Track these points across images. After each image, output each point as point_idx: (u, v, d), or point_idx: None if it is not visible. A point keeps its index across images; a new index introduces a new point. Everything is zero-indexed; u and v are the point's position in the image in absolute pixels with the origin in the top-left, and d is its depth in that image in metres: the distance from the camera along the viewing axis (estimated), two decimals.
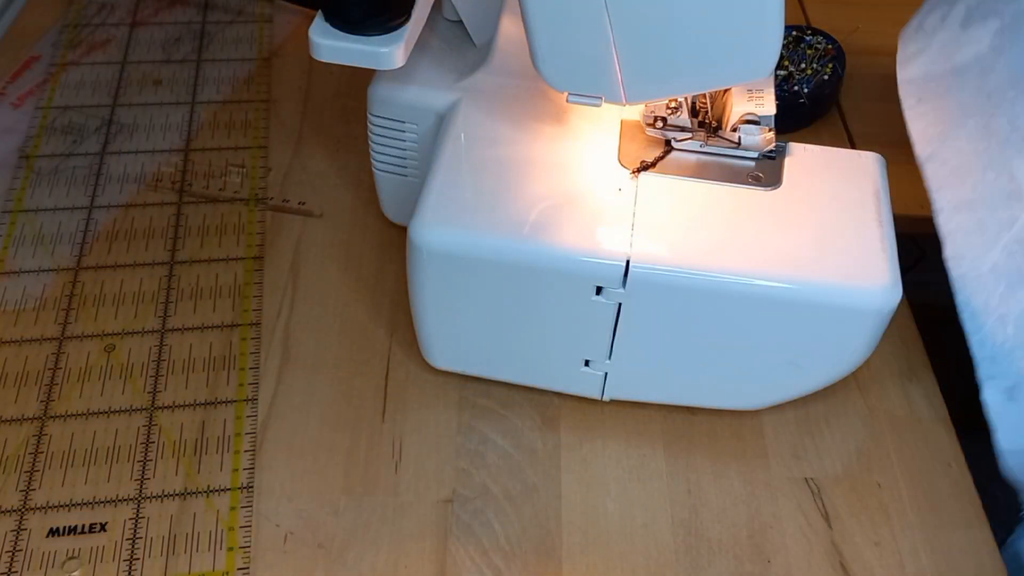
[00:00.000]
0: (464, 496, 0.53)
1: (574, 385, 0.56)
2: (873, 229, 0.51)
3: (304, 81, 0.76)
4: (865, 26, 0.81)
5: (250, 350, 0.59)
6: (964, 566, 0.51)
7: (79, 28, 0.81)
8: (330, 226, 0.66)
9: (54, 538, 0.50)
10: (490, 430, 0.56)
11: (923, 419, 0.57)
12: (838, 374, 0.53)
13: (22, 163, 0.70)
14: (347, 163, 0.70)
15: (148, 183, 0.68)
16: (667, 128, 0.54)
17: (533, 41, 0.50)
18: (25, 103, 0.74)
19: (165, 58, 0.78)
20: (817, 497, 0.53)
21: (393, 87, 0.57)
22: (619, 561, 0.50)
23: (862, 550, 0.51)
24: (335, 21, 0.49)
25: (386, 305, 0.61)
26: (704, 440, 0.56)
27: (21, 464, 0.53)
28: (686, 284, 0.49)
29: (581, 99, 0.52)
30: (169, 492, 0.52)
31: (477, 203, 0.51)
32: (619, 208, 0.51)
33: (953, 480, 0.54)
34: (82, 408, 0.56)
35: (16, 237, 0.65)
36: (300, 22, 0.82)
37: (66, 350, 0.59)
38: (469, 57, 0.59)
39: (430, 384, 0.58)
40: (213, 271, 0.63)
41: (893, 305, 0.49)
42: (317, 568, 0.50)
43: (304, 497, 0.52)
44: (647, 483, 0.54)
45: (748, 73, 0.50)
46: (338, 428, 0.55)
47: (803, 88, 0.71)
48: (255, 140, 0.72)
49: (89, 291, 0.62)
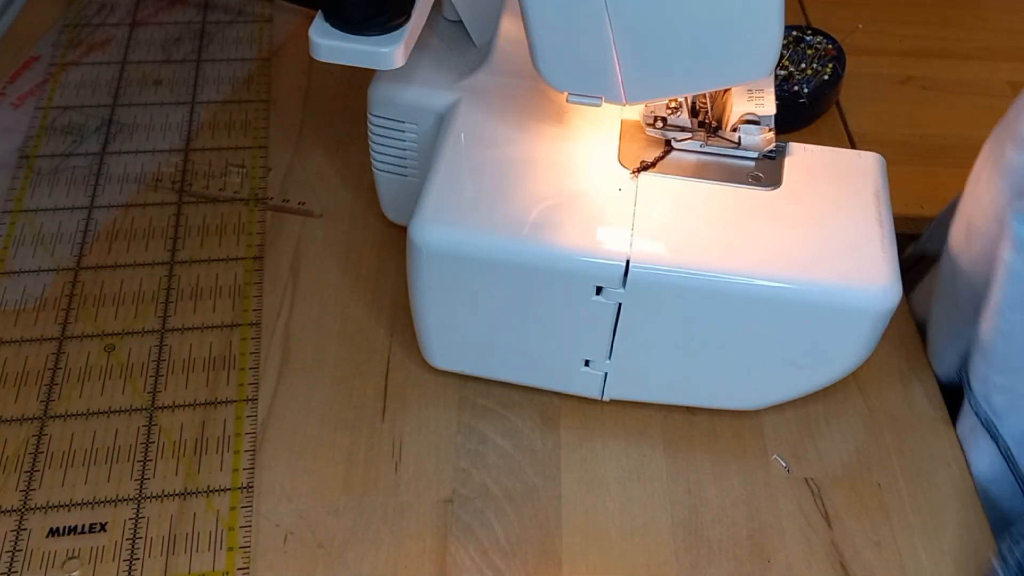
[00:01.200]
0: (464, 496, 0.53)
1: (574, 385, 0.56)
2: (873, 229, 0.51)
3: (304, 81, 0.76)
4: (865, 26, 0.82)
5: (250, 350, 0.59)
6: (964, 566, 0.51)
7: (79, 28, 0.81)
8: (330, 226, 0.66)
9: (54, 538, 0.50)
10: (490, 430, 0.56)
11: (923, 419, 0.57)
12: (838, 374, 0.53)
13: (22, 163, 0.70)
14: (347, 163, 0.70)
15: (148, 183, 0.68)
16: (667, 128, 0.54)
17: (533, 41, 0.50)
18: (25, 103, 0.74)
19: (165, 58, 0.78)
20: (817, 497, 0.53)
21: (393, 87, 0.57)
22: (619, 561, 0.50)
23: (862, 550, 0.51)
24: (335, 21, 0.49)
25: (386, 305, 0.61)
26: (704, 440, 0.56)
27: (21, 464, 0.53)
28: (686, 284, 0.49)
29: (581, 99, 0.52)
30: (169, 492, 0.52)
31: (477, 203, 0.51)
32: (619, 208, 0.51)
33: (953, 480, 0.54)
34: (82, 408, 0.56)
35: (16, 237, 0.65)
36: (300, 22, 0.82)
37: (66, 350, 0.59)
38: (469, 57, 0.59)
39: (430, 384, 0.58)
40: (213, 271, 0.63)
41: (893, 305, 0.49)
42: (317, 568, 0.50)
43: (304, 497, 0.52)
44: (647, 483, 0.54)
45: (748, 73, 0.50)
46: (338, 428, 0.55)
47: (803, 88, 0.71)
48: (255, 140, 0.72)
49: (89, 291, 0.62)
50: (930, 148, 0.71)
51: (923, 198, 0.68)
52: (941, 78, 0.78)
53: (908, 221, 0.67)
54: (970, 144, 0.72)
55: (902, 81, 0.77)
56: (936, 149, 0.71)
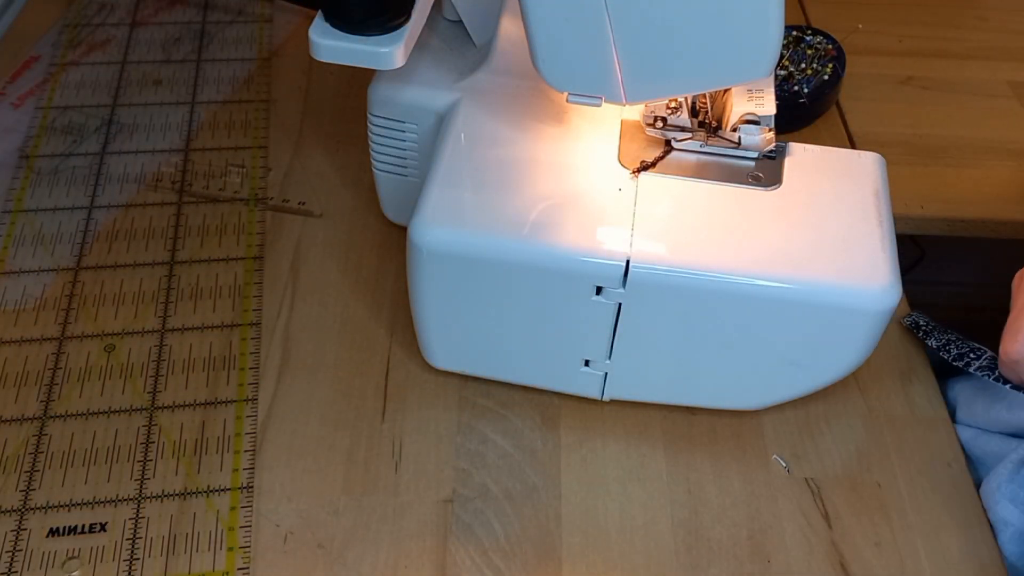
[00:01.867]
0: (464, 496, 0.53)
1: (574, 385, 0.56)
2: (873, 229, 0.51)
3: (304, 81, 0.76)
4: (865, 26, 0.82)
5: (250, 350, 0.59)
6: (964, 566, 0.51)
7: (79, 28, 0.81)
8: (330, 226, 0.66)
9: (54, 538, 0.50)
10: (490, 430, 0.56)
11: (923, 419, 0.57)
12: (838, 374, 0.53)
13: (22, 163, 0.70)
14: (347, 163, 0.70)
15: (148, 183, 0.68)
16: (667, 128, 0.54)
17: (533, 41, 0.50)
18: (25, 103, 0.74)
19: (165, 58, 0.78)
20: (817, 497, 0.53)
21: (393, 87, 0.57)
22: (619, 561, 0.50)
23: (862, 550, 0.51)
24: (335, 21, 0.49)
25: (386, 305, 0.61)
26: (704, 440, 0.56)
27: (21, 464, 0.53)
28: (686, 284, 0.49)
29: (581, 99, 0.52)
30: (169, 492, 0.52)
31: (477, 203, 0.51)
32: (619, 208, 0.51)
33: (953, 480, 0.54)
34: (82, 408, 0.56)
35: (16, 237, 0.65)
36: (300, 22, 0.82)
37: (66, 350, 0.59)
38: (469, 57, 0.59)
39: (430, 384, 0.58)
40: (213, 271, 0.63)
41: (893, 305, 0.49)
42: (317, 568, 0.50)
43: (304, 497, 0.52)
44: (647, 483, 0.54)
45: (748, 73, 0.50)
46: (338, 428, 0.55)
47: (803, 88, 0.71)
48: (255, 140, 0.72)
49: (89, 291, 0.62)
50: (930, 148, 0.71)
51: (923, 198, 0.68)
52: (941, 78, 0.78)
53: (908, 221, 0.67)
54: (970, 144, 0.72)
55: (902, 81, 0.77)
56: (936, 149, 0.71)
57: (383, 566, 0.50)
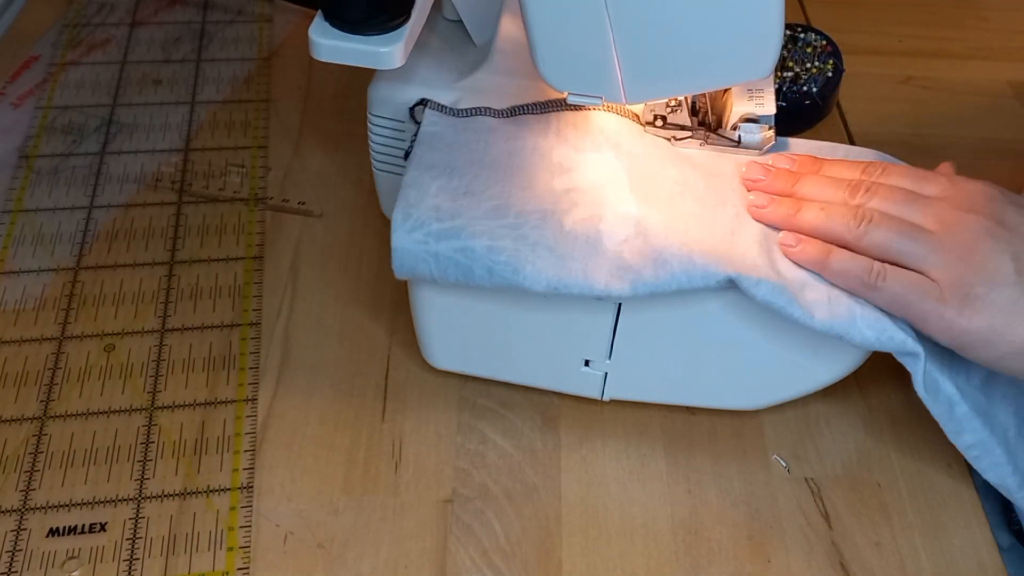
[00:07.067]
0: (464, 496, 0.53)
1: (574, 385, 0.56)
2: None
3: (304, 81, 0.76)
4: (865, 26, 0.82)
5: (250, 350, 0.59)
6: (964, 566, 0.51)
7: (79, 28, 0.81)
8: (330, 226, 0.66)
9: (54, 538, 0.50)
10: (490, 430, 0.56)
11: (923, 419, 0.57)
12: (838, 374, 0.53)
13: (22, 163, 0.70)
14: (347, 163, 0.70)
15: (148, 183, 0.68)
16: (667, 127, 0.54)
17: (533, 41, 0.50)
18: (25, 103, 0.74)
19: (165, 58, 0.78)
20: (817, 497, 0.53)
21: (393, 87, 0.57)
22: (619, 561, 0.50)
23: (862, 550, 0.51)
24: (335, 21, 0.49)
25: (386, 305, 0.61)
26: (704, 440, 0.56)
27: (21, 464, 0.53)
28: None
29: (581, 99, 0.52)
30: (169, 492, 0.52)
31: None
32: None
33: (953, 480, 0.54)
34: (82, 408, 0.56)
35: (16, 237, 0.65)
36: (300, 22, 0.82)
37: (66, 350, 0.58)
38: (469, 57, 0.59)
39: (430, 384, 0.58)
40: (213, 271, 0.63)
41: None
42: (317, 568, 0.50)
43: (304, 497, 0.52)
44: (647, 483, 0.54)
45: (749, 73, 0.50)
46: (338, 428, 0.55)
47: (811, 88, 0.71)
48: (255, 140, 0.72)
49: (89, 291, 0.62)
50: (930, 148, 0.71)
51: None
52: (941, 78, 0.78)
53: None
54: (970, 144, 0.72)
55: (902, 81, 0.77)
56: (936, 149, 0.71)
57: (383, 566, 0.50)
